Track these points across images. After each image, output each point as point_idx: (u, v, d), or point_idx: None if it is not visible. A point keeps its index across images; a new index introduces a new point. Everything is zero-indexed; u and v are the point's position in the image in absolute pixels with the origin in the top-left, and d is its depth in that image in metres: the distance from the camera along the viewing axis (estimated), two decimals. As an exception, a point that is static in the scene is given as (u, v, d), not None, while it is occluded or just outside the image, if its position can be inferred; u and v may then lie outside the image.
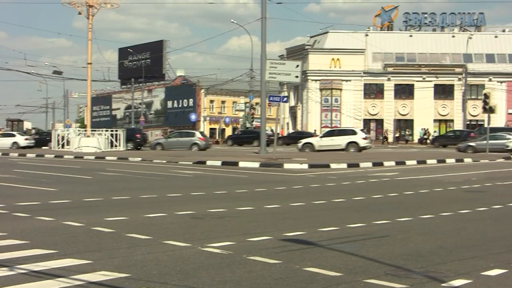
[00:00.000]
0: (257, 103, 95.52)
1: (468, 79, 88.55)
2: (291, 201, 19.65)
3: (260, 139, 49.65)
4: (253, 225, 14.72)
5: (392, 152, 60.36)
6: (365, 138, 57.46)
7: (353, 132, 58.62)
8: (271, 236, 12.89)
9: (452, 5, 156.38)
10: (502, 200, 20.65)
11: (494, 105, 55.33)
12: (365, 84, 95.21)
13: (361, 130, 61.79)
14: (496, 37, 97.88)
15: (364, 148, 56.61)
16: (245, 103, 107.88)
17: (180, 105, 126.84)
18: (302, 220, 15.50)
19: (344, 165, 38.43)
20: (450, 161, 46.01)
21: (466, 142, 62.04)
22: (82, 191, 22.36)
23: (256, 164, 38.28)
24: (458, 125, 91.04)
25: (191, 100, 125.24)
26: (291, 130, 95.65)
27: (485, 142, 56.81)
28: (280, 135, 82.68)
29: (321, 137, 59.09)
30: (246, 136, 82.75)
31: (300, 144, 58.58)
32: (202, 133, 68.60)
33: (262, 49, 47.11)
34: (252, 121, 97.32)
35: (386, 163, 41.13)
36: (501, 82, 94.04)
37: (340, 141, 56.16)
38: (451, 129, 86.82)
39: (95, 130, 63.92)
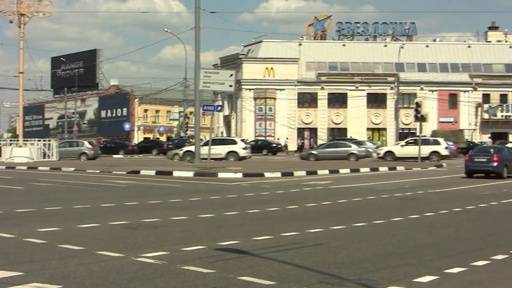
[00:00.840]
0: (191, 112, 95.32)
1: (400, 88, 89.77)
2: (226, 210, 19.64)
3: (195, 149, 49.52)
4: (187, 234, 14.67)
5: (264, 161, 61.34)
6: (244, 148, 58.30)
7: (233, 142, 60.00)
8: (205, 246, 12.86)
9: (384, 15, 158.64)
10: (434, 208, 20.97)
11: (425, 113, 56.10)
12: (298, 93, 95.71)
13: (287, 138, 62.65)
14: (427, 46, 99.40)
15: (244, 157, 57.22)
16: (179, 112, 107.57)
17: (113, 115, 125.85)
18: (236, 229, 15.51)
19: (279, 174, 38.62)
20: (383, 169, 46.57)
21: (309, 150, 64.84)
22: (14, 202, 21.99)
23: (190, 174, 38.19)
24: (391, 134, 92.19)
25: (125, 110, 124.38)
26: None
27: (327, 150, 61.88)
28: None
29: (202, 145, 59.56)
30: (144, 146, 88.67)
31: (181, 152, 58.63)
32: (91, 142, 68.15)
33: (196, 58, 47.08)
34: (187, 130, 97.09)
35: (320, 172, 41.40)
36: (433, 91, 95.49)
37: (220, 150, 56.67)
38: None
39: (27, 140, 62.92)
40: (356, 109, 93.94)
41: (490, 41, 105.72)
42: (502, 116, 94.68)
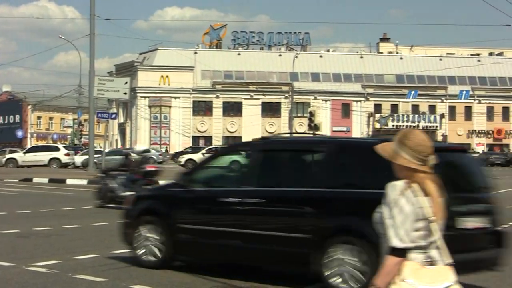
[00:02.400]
0: (85, 120, 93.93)
1: (294, 97, 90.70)
2: (119, 218, 19.46)
3: (89, 156, 48.89)
4: (79, 243, 14.51)
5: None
6: (67, 154, 58.42)
7: (56, 148, 60.09)
8: (98, 254, 12.76)
9: (279, 25, 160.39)
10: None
11: (319, 122, 57.09)
12: (194, 101, 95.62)
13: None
14: (321, 56, 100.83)
15: (67, 164, 57.34)
16: (74, 119, 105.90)
17: (6, 121, 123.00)
18: (130, 238, 15.38)
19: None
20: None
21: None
22: None
23: (84, 181, 37.67)
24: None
25: (17, 116, 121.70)
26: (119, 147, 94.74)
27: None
28: None
29: (24, 152, 59.27)
30: None
31: (4, 159, 58.27)
32: None
33: (91, 65, 46.51)
34: (81, 137, 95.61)
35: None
36: (326, 100, 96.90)
37: (43, 157, 56.64)
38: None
39: None
40: (251, 118, 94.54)
41: (381, 52, 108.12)
42: (393, 125, 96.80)
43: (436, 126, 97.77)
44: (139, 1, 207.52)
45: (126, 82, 44.23)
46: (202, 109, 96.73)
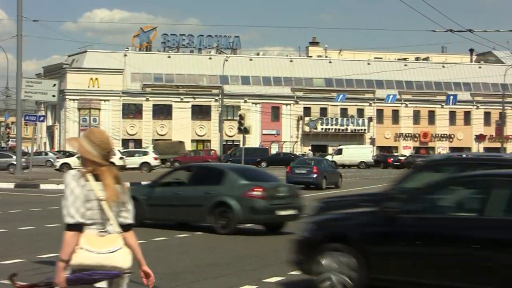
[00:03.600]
0: (13, 122, 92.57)
1: (224, 100, 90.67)
2: (47, 222, 19.27)
3: (16, 160, 48.13)
4: (5, 247, 14.32)
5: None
6: None
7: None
8: (25, 259, 12.62)
9: (209, 28, 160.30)
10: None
11: (249, 125, 57.17)
12: (123, 104, 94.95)
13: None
14: (251, 60, 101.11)
15: None
16: (0, 122, 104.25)
17: None
18: (57, 241, 15.22)
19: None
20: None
21: None
22: None
23: (10, 185, 37.08)
24: (215, 145, 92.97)
25: None
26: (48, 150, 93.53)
27: None
28: None
29: None
30: None
31: None
32: None
33: (18, 67, 45.75)
34: (8, 140, 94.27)
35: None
36: (256, 103, 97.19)
37: None
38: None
39: None
40: (181, 121, 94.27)
41: (311, 56, 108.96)
42: (322, 129, 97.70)
43: (364, 130, 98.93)
44: (68, 2, 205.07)
45: (55, 85, 43.65)
46: (131, 112, 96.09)
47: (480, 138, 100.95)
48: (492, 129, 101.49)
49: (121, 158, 58.20)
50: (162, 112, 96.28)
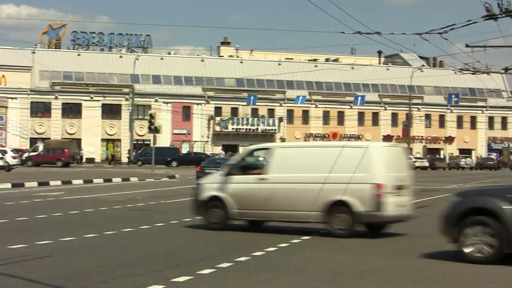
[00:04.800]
0: None
1: (135, 99, 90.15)
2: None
3: None
4: None
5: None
6: None
7: None
8: None
9: (120, 26, 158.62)
10: (165, 218, 21.38)
11: (159, 125, 56.97)
12: (32, 102, 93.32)
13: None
14: (162, 59, 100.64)
15: None
16: None
17: None
18: None
19: (9, 185, 37.52)
20: (117, 180, 46.65)
21: None
22: None
23: None
24: (126, 145, 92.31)
25: None
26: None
27: None
28: None
29: None
30: None
31: None
32: None
33: None
34: None
35: (52, 183, 40.74)
36: (167, 103, 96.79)
37: None
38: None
39: None
40: (90, 120, 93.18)
41: (222, 56, 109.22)
42: (233, 128, 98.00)
43: (275, 130, 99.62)
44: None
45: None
46: (40, 110, 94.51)
47: (387, 138, 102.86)
48: (399, 130, 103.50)
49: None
50: (72, 110, 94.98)
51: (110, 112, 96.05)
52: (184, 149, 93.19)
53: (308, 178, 17.81)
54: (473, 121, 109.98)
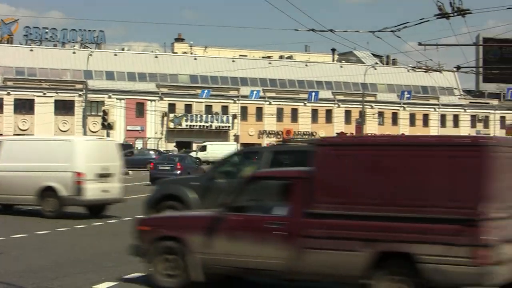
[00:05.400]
0: None
1: (88, 95, 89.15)
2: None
3: None
4: None
5: None
6: None
7: None
8: None
9: (73, 22, 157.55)
10: (119, 214, 21.41)
11: (113, 121, 56.89)
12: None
13: None
14: (115, 55, 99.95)
15: None
16: None
17: None
18: None
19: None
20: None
21: None
22: None
23: None
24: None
25: None
26: None
27: None
28: None
29: None
30: None
31: None
32: None
33: None
34: None
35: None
36: (120, 99, 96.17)
37: None
38: None
39: None
40: (43, 116, 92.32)
41: (176, 52, 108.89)
42: (186, 125, 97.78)
43: (229, 127, 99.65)
44: None
45: None
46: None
47: (341, 136, 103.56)
48: (352, 128, 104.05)
49: None
50: (24, 106, 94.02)
51: (63, 108, 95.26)
52: (138, 146, 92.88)
53: (27, 167, 20.88)
54: (426, 118, 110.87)
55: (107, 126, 53.17)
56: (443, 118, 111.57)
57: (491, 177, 8.78)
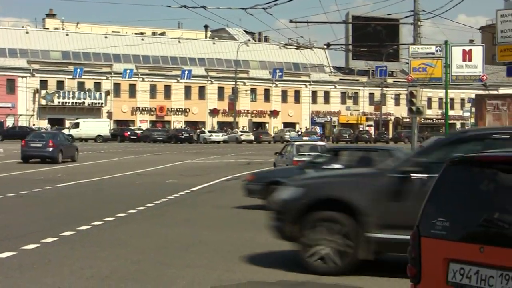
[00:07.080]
0: None
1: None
2: None
3: None
4: None
5: None
6: None
7: None
8: None
9: None
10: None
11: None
12: None
13: None
14: None
15: None
16: None
17: None
18: None
19: None
20: None
21: None
22: None
23: None
24: None
25: None
26: None
27: None
28: None
29: None
30: None
31: None
32: None
33: None
34: None
35: None
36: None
37: None
38: None
39: None
40: None
41: (47, 28, 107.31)
42: (59, 102, 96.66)
43: (102, 103, 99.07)
44: None
45: None
46: None
47: (214, 112, 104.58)
48: (225, 104, 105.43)
49: None
50: None
51: None
52: (9, 123, 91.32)
53: None
54: (297, 95, 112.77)
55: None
56: (314, 94, 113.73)
57: None
